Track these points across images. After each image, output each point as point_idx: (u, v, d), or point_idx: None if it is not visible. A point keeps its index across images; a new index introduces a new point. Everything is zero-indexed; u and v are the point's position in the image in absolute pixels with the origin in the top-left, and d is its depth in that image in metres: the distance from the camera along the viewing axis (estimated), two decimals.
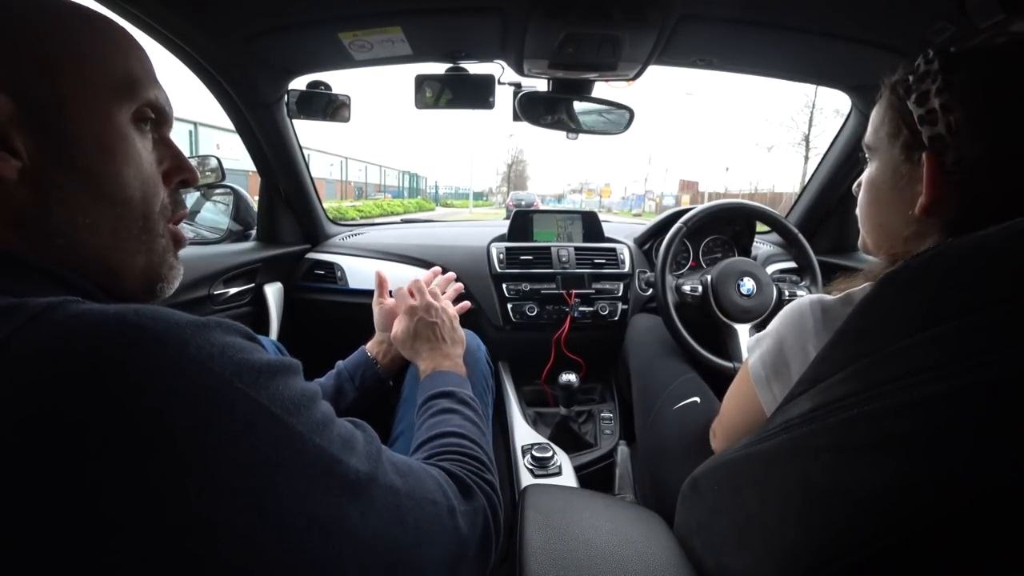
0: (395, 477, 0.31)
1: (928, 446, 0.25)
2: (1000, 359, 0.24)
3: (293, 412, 0.25)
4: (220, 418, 0.22)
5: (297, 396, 0.26)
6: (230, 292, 1.08)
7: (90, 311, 0.22)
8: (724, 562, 0.39)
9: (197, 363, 0.22)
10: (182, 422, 0.21)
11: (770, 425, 0.38)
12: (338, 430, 0.28)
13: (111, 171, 0.31)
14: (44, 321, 0.21)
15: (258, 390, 0.24)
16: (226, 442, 0.22)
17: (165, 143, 0.36)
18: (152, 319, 0.22)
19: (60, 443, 0.19)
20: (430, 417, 0.50)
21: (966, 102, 0.37)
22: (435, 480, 0.36)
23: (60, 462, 0.19)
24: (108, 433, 0.20)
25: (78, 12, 0.31)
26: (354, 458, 0.28)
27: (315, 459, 0.25)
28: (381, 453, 0.31)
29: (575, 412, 1.15)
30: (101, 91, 0.31)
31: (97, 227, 0.31)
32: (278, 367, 0.26)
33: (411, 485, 0.32)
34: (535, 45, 0.90)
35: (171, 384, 0.21)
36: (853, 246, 1.38)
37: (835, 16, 0.84)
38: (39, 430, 0.19)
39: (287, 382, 0.26)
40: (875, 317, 0.33)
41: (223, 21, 0.84)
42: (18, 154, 0.28)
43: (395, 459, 0.33)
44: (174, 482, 0.20)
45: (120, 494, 0.20)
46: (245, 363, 0.24)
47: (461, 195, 47.27)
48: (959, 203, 0.38)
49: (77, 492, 0.19)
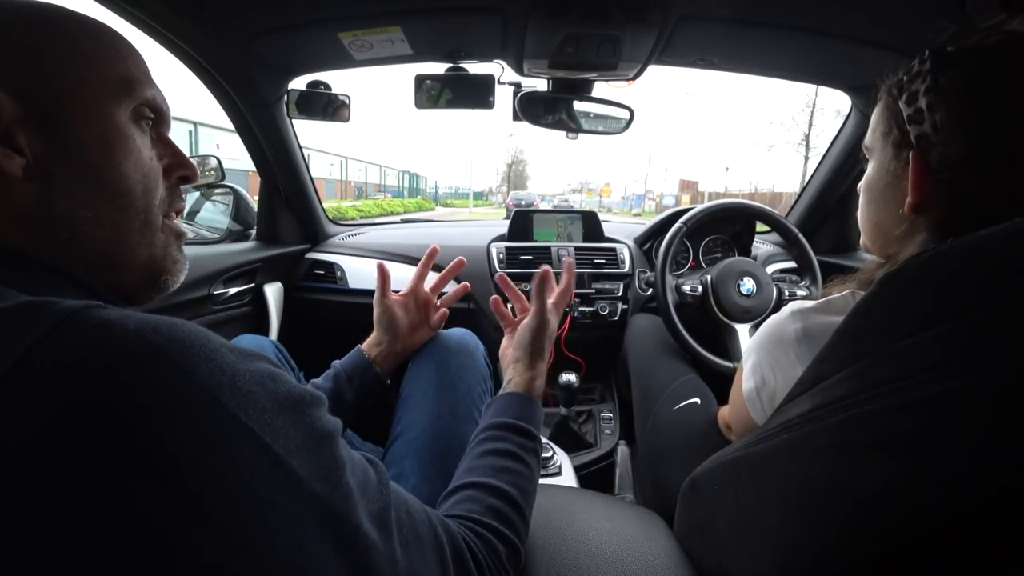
0: (397, 546, 0.28)
1: (929, 446, 0.25)
2: (1002, 359, 0.24)
3: (296, 454, 0.24)
4: (222, 452, 0.22)
5: (306, 437, 0.25)
6: (230, 292, 1.08)
7: (111, 323, 0.22)
8: (724, 562, 0.39)
9: (206, 392, 0.22)
10: (185, 451, 0.21)
11: (770, 425, 0.38)
12: (347, 479, 0.26)
13: (112, 166, 0.32)
14: (67, 330, 0.21)
15: (263, 426, 0.23)
16: (226, 476, 0.21)
17: (164, 141, 0.38)
18: (169, 340, 0.22)
19: (64, 461, 0.19)
20: (494, 455, 0.44)
21: (950, 101, 0.37)
22: (440, 554, 0.32)
23: (64, 478, 0.19)
24: (110, 456, 0.20)
25: (78, 19, 0.33)
26: (357, 513, 0.26)
27: (312, 507, 0.24)
28: (390, 509, 0.29)
29: (575, 412, 1.15)
30: (101, 90, 0.32)
31: (99, 220, 0.32)
32: (294, 402, 0.25)
33: (411, 560, 0.29)
34: (535, 45, 0.90)
35: (178, 411, 0.21)
36: (853, 246, 1.38)
37: (835, 16, 0.84)
38: (49, 444, 0.19)
39: (300, 419, 0.25)
40: (875, 317, 0.33)
41: (223, 21, 0.84)
42: (22, 151, 0.29)
43: (403, 519, 0.30)
44: (171, 512, 0.20)
45: (117, 518, 0.19)
46: (253, 396, 0.23)
47: (461, 195, 47.29)
48: (947, 202, 0.39)
49: (73, 509, 0.19)
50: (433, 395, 0.62)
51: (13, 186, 0.29)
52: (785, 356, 0.46)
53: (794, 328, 0.45)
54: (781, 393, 0.42)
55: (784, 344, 0.46)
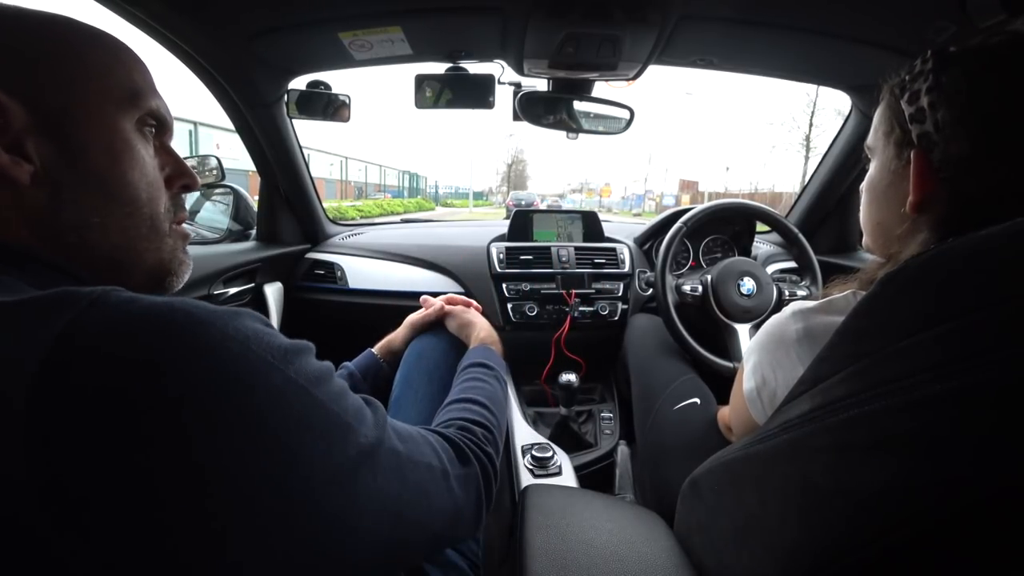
0: (397, 442, 0.35)
1: (930, 446, 0.25)
2: (1003, 359, 0.23)
3: (315, 384, 0.29)
4: (264, 386, 0.26)
5: (316, 371, 0.30)
6: (230, 292, 1.08)
7: (133, 299, 0.25)
8: (724, 562, 0.39)
9: (238, 343, 0.26)
10: (230, 389, 0.25)
11: (770, 425, 0.38)
12: (351, 400, 0.32)
13: (118, 173, 0.34)
14: (101, 306, 0.24)
15: (286, 365, 0.28)
16: (269, 406, 0.26)
17: (166, 150, 0.39)
18: (195, 306, 0.26)
19: (116, 422, 0.22)
20: (465, 381, 0.59)
21: (951, 100, 0.37)
22: (432, 446, 0.40)
23: (116, 439, 0.22)
24: (163, 410, 0.23)
25: (86, 31, 0.34)
26: (364, 426, 0.32)
27: (335, 423, 0.29)
28: (386, 421, 0.35)
29: (575, 412, 1.15)
30: (107, 101, 0.33)
31: (106, 226, 0.34)
32: (299, 347, 0.30)
33: (410, 449, 0.36)
34: (535, 45, 0.90)
35: (220, 358, 0.25)
36: (853, 246, 1.38)
37: (835, 16, 0.84)
38: (99, 408, 0.22)
39: (307, 360, 0.30)
40: (876, 317, 0.33)
41: (223, 21, 0.84)
42: (31, 159, 0.31)
43: (397, 427, 0.37)
44: (223, 441, 0.24)
45: (168, 450, 0.22)
46: (273, 344, 0.28)
47: (461, 195, 47.24)
48: (948, 201, 0.39)
49: (131, 465, 0.22)
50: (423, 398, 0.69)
51: (22, 192, 0.31)
52: (786, 356, 0.46)
53: (795, 328, 0.45)
54: (782, 393, 0.42)
55: (785, 344, 0.46)
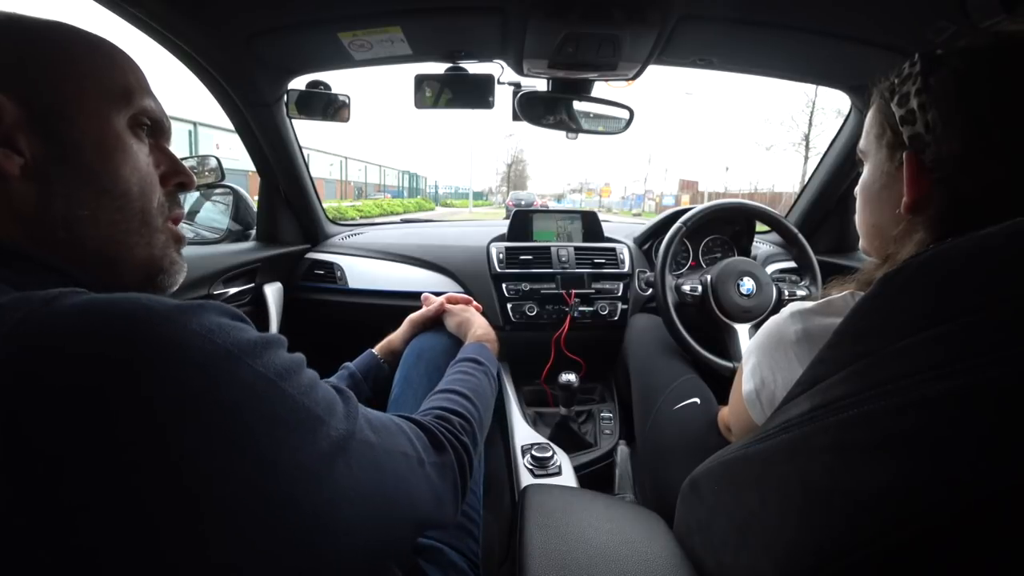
0: (369, 433, 0.35)
1: (930, 446, 0.25)
2: (1004, 359, 0.24)
3: (284, 377, 0.29)
4: (229, 379, 0.26)
5: (285, 364, 0.29)
6: (230, 292, 1.08)
7: (93, 299, 0.24)
8: (724, 562, 0.39)
9: (201, 337, 0.25)
10: (196, 385, 0.24)
11: (769, 425, 0.38)
12: (322, 392, 0.32)
13: (109, 168, 0.34)
14: (56, 305, 0.23)
15: (253, 359, 0.27)
16: (235, 401, 0.25)
17: (161, 150, 0.39)
18: (155, 301, 0.25)
19: (84, 416, 0.22)
20: (452, 374, 0.61)
21: (940, 101, 0.38)
22: (406, 434, 0.40)
23: (86, 431, 0.22)
24: (126, 403, 0.22)
25: (82, 36, 0.35)
26: (335, 418, 0.31)
27: (305, 417, 0.29)
28: (358, 412, 0.35)
29: (575, 412, 1.15)
30: (99, 98, 0.34)
31: (96, 220, 0.34)
32: (268, 340, 0.30)
33: (384, 439, 0.36)
34: (535, 45, 0.90)
35: (183, 354, 0.24)
36: (853, 246, 1.38)
37: (835, 16, 0.84)
38: (57, 406, 0.22)
39: (277, 353, 0.29)
40: (875, 317, 0.33)
41: (223, 21, 0.84)
42: (21, 152, 0.31)
43: (370, 416, 0.37)
44: (195, 439, 0.24)
45: (145, 452, 0.22)
46: (239, 337, 0.27)
47: (461, 195, 47.20)
48: (942, 201, 0.39)
49: (105, 455, 0.22)
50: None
51: (12, 186, 0.31)
52: (785, 357, 0.46)
53: (794, 329, 0.45)
54: (781, 394, 0.42)
55: (784, 345, 0.46)
